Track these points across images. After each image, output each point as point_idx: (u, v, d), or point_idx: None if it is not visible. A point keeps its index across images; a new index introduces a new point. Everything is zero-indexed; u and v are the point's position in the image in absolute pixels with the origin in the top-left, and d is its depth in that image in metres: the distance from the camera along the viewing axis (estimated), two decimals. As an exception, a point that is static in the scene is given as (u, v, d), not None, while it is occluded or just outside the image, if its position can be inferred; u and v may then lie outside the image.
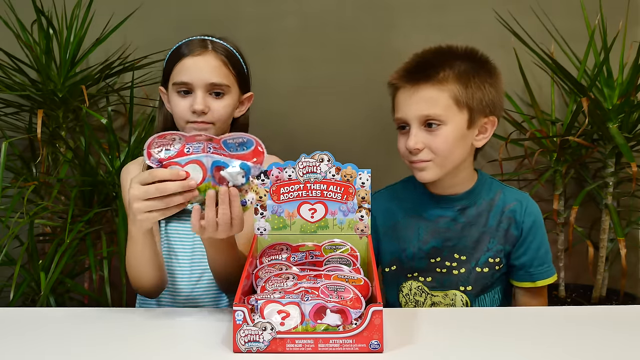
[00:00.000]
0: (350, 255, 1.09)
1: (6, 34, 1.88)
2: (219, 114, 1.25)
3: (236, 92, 1.29)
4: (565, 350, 0.90)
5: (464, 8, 1.97)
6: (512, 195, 1.29)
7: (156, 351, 0.92)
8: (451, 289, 1.27)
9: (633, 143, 1.81)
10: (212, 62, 1.24)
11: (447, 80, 1.20)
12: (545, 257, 1.27)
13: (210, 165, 0.97)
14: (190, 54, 1.25)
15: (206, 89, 1.24)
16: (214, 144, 0.97)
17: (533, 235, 1.26)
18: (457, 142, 1.21)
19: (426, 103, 1.20)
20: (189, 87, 1.24)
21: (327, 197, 1.11)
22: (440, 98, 1.19)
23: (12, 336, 0.98)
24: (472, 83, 1.21)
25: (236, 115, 1.32)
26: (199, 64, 1.24)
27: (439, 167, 1.22)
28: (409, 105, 1.21)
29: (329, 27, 2.00)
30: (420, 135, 1.21)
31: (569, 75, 1.76)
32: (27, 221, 1.69)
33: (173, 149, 0.97)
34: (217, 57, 1.25)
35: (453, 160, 1.23)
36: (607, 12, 1.82)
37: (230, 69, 1.26)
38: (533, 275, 1.26)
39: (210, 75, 1.24)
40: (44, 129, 1.86)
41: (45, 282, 1.60)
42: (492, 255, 1.26)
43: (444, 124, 1.20)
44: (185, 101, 1.24)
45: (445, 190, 1.29)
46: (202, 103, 1.22)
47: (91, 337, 0.98)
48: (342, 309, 0.92)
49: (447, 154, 1.21)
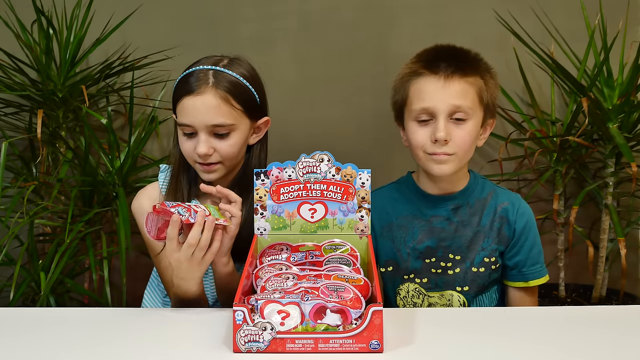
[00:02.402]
0: (350, 255, 1.09)
1: (6, 34, 1.88)
2: (225, 154, 1.19)
3: (245, 125, 1.21)
4: (565, 350, 0.90)
5: (464, 8, 1.97)
6: (504, 195, 1.30)
7: (156, 351, 0.92)
8: (447, 290, 1.28)
9: (633, 143, 1.81)
10: (210, 102, 1.16)
11: (475, 75, 1.21)
12: (538, 257, 1.28)
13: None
14: (189, 93, 1.17)
15: (208, 130, 1.17)
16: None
17: (526, 236, 1.27)
18: (475, 138, 1.23)
19: (458, 95, 1.19)
20: (192, 130, 1.18)
21: (327, 197, 1.11)
22: (469, 92, 1.20)
23: (12, 336, 0.98)
24: (489, 83, 1.23)
25: (252, 142, 1.26)
26: (197, 105, 1.16)
27: (458, 161, 1.22)
28: (440, 96, 1.19)
29: (329, 27, 2.00)
30: (448, 127, 1.20)
31: (569, 75, 1.76)
32: (27, 221, 1.69)
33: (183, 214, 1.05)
34: (217, 95, 1.16)
35: (468, 156, 1.24)
36: (607, 12, 1.82)
37: (234, 104, 1.18)
38: (526, 275, 1.27)
39: (210, 117, 1.16)
40: (44, 129, 1.86)
41: (45, 282, 1.60)
42: (487, 254, 1.26)
43: (470, 118, 1.20)
44: (190, 142, 1.20)
45: (439, 190, 1.29)
46: (205, 147, 1.17)
47: (91, 337, 0.98)
48: (342, 309, 0.92)
49: (468, 149, 1.22)
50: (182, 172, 1.26)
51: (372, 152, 1.99)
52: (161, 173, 1.29)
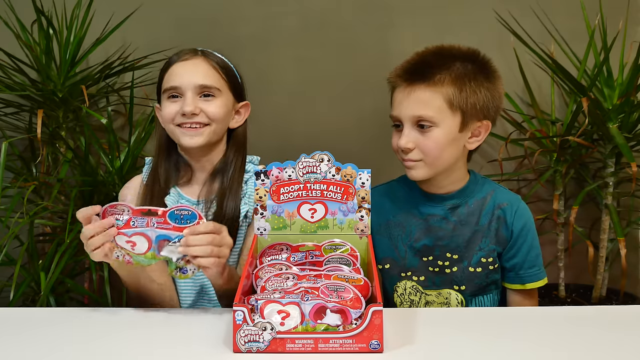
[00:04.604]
0: (350, 255, 1.09)
1: (6, 34, 1.88)
2: (212, 114, 1.23)
3: (229, 98, 1.27)
4: (565, 350, 0.90)
5: (464, 8, 1.97)
6: (503, 195, 1.30)
7: (156, 351, 0.92)
8: (445, 288, 1.28)
9: (633, 143, 1.81)
10: (201, 65, 1.23)
11: (442, 83, 1.20)
12: (535, 260, 1.27)
13: (155, 238, 1.04)
14: (179, 60, 1.24)
15: (196, 91, 1.22)
16: (158, 218, 1.03)
17: (523, 238, 1.26)
18: (448, 144, 1.22)
19: (419, 104, 1.20)
20: (179, 92, 1.22)
21: (327, 197, 1.11)
22: (433, 100, 1.20)
23: (12, 336, 0.98)
24: (467, 87, 1.21)
25: (233, 125, 1.30)
26: (187, 67, 1.23)
27: (429, 167, 1.23)
28: (403, 105, 1.22)
29: (329, 27, 2.00)
30: (411, 135, 1.21)
31: (569, 75, 1.76)
32: (27, 221, 1.69)
33: (122, 219, 1.04)
34: (207, 61, 1.24)
35: (443, 161, 1.23)
36: (607, 12, 1.82)
37: (221, 74, 1.25)
38: (523, 278, 1.27)
39: (199, 77, 1.22)
40: (44, 129, 1.86)
41: (45, 282, 1.60)
42: (484, 255, 1.26)
43: (436, 125, 1.20)
44: (174, 105, 1.23)
45: (437, 189, 1.29)
46: (192, 104, 1.20)
47: (91, 337, 0.98)
48: (342, 309, 0.92)
49: (437, 155, 1.22)
50: (161, 160, 1.28)
51: (372, 152, 1.98)
52: (146, 165, 1.32)
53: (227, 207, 1.23)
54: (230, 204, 1.23)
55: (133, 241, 1.04)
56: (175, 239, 1.03)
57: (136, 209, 1.04)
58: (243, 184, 1.27)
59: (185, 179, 1.29)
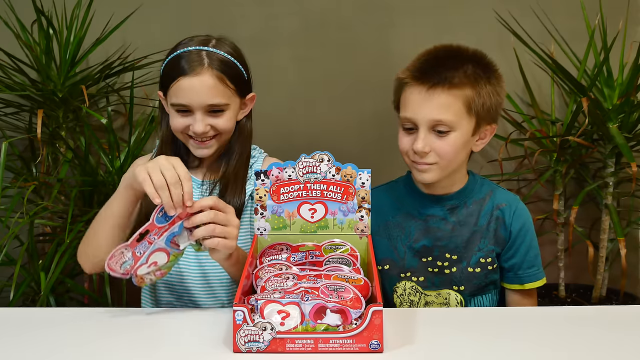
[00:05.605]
0: (350, 255, 1.09)
1: (6, 34, 1.88)
2: (222, 128, 1.23)
3: (236, 103, 1.26)
4: (565, 350, 0.90)
5: (464, 8, 1.97)
6: (502, 196, 1.30)
7: (156, 351, 0.92)
8: (444, 288, 1.28)
9: (633, 143, 1.81)
10: (208, 82, 1.20)
11: (462, 86, 1.18)
12: (534, 260, 1.27)
13: (166, 244, 1.05)
14: (186, 73, 1.19)
15: (205, 109, 1.21)
16: (151, 232, 1.04)
17: (522, 239, 1.26)
18: (462, 147, 1.22)
19: (440, 108, 1.18)
20: (188, 109, 1.22)
21: (327, 197, 1.11)
22: (454, 104, 1.18)
23: (12, 336, 0.98)
24: (483, 91, 1.20)
25: (239, 118, 1.30)
26: (195, 85, 1.19)
27: (441, 170, 1.22)
28: (421, 108, 1.19)
29: (329, 27, 2.00)
30: (428, 139, 1.20)
31: (569, 75, 1.76)
32: (27, 221, 1.69)
33: (128, 259, 1.05)
34: (213, 75, 1.20)
35: (455, 164, 1.23)
36: (607, 12, 1.82)
37: (228, 83, 1.22)
38: (522, 278, 1.27)
39: (207, 97, 1.20)
40: (44, 129, 1.86)
41: (45, 282, 1.60)
42: (483, 255, 1.26)
43: (454, 130, 1.19)
44: (184, 120, 1.22)
45: (437, 190, 1.29)
46: (202, 126, 1.20)
47: (91, 337, 0.98)
48: (342, 309, 0.92)
49: (452, 158, 1.21)
50: (167, 150, 1.28)
51: (372, 152, 1.99)
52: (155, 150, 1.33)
53: (231, 189, 1.25)
54: (234, 187, 1.25)
55: (153, 262, 1.05)
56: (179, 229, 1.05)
57: (131, 241, 1.04)
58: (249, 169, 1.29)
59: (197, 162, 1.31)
